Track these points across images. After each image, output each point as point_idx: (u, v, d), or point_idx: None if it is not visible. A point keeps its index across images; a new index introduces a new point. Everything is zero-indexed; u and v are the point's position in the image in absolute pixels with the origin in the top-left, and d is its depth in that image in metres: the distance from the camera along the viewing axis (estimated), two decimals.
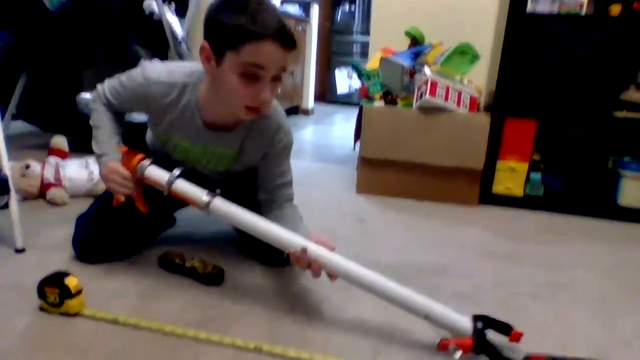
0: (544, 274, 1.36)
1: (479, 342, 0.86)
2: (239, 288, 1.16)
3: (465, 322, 0.90)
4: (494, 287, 1.26)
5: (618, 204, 1.94)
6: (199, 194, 1.07)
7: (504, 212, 1.95)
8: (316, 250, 0.98)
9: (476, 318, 0.91)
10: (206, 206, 1.05)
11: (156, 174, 1.11)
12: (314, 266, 0.97)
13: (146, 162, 1.12)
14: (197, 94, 1.10)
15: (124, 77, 1.16)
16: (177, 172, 1.09)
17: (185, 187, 1.09)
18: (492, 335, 0.89)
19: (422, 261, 1.41)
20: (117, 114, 1.22)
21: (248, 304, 1.09)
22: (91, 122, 1.20)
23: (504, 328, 0.90)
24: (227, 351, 0.90)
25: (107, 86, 1.20)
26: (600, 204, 1.96)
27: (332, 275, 0.98)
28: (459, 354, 0.85)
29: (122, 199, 1.13)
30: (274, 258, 1.22)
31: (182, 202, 1.12)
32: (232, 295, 1.12)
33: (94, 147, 1.18)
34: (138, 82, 1.12)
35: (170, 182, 1.08)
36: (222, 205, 1.06)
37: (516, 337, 0.89)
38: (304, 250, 0.97)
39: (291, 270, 1.26)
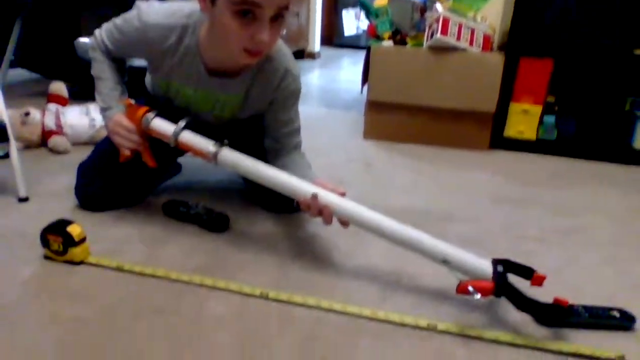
0: (554, 218, 1.33)
1: (500, 284, 0.84)
2: (244, 235, 1.15)
3: (485, 266, 0.87)
4: (503, 232, 1.24)
5: (633, 148, 1.88)
6: (205, 145, 1.04)
7: (515, 156, 1.91)
8: (327, 196, 0.95)
9: (496, 261, 0.88)
10: (214, 157, 1.03)
11: (162, 126, 1.09)
12: (326, 212, 0.94)
13: (151, 114, 1.10)
14: (197, 37, 1.04)
15: (119, 21, 1.10)
16: (182, 123, 1.07)
17: (191, 139, 1.07)
18: (513, 279, 0.87)
19: (429, 206, 1.38)
20: (118, 60, 1.18)
21: (254, 250, 1.08)
22: (92, 72, 1.16)
23: (526, 271, 0.87)
24: (233, 297, 0.90)
25: (104, 31, 1.14)
26: (615, 148, 1.90)
27: (345, 221, 0.96)
28: (478, 296, 0.83)
29: (127, 153, 1.10)
30: (283, 205, 1.20)
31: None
32: (237, 242, 1.11)
33: (98, 99, 1.16)
34: (134, 26, 1.06)
35: (176, 134, 1.07)
36: (229, 155, 1.03)
37: (538, 280, 0.86)
38: (315, 197, 0.94)
39: (298, 217, 1.24)
